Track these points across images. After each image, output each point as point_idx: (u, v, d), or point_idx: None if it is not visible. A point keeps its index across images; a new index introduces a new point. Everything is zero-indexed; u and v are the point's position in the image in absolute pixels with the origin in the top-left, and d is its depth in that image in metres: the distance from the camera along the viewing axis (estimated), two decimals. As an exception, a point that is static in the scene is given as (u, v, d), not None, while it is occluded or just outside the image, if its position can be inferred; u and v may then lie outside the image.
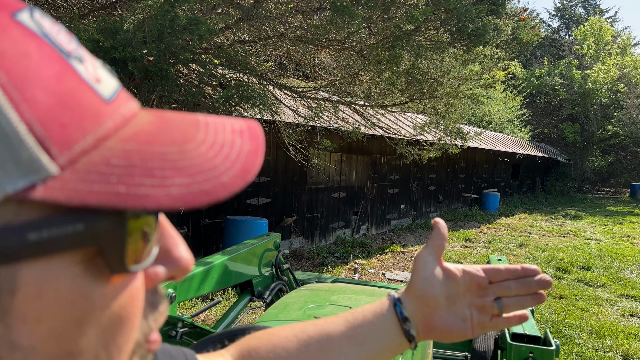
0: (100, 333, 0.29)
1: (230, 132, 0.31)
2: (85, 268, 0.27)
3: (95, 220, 0.26)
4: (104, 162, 0.26)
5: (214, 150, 0.29)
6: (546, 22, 43.34)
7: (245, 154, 0.30)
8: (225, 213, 6.71)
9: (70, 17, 3.31)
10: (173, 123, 0.30)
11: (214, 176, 0.28)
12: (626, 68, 24.68)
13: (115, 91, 0.30)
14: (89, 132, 0.26)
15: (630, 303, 6.35)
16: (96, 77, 0.28)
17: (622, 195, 26.44)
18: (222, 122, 0.32)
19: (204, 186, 0.27)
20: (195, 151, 0.28)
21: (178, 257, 0.33)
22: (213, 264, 2.13)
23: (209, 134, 0.30)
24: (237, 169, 0.29)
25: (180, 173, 0.27)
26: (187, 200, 0.26)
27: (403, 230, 10.94)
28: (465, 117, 17.40)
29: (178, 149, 0.28)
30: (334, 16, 3.58)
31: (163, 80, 3.44)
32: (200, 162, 0.28)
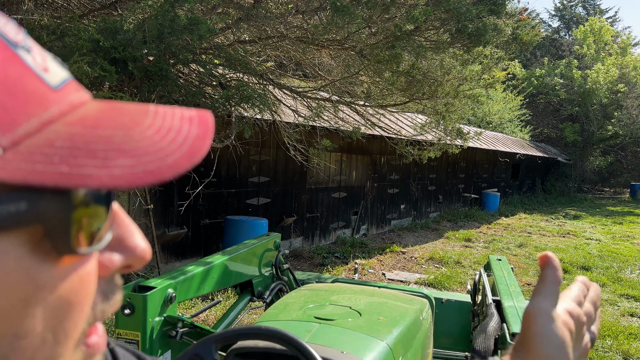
0: (48, 315, 0.29)
1: (179, 118, 0.32)
2: (32, 249, 0.27)
3: (39, 199, 0.26)
4: (47, 144, 0.26)
5: (160, 135, 0.30)
6: (546, 22, 43.35)
7: (192, 138, 0.31)
8: (225, 213, 6.71)
9: (70, 17, 3.31)
10: (122, 110, 0.31)
11: (159, 158, 0.28)
12: (626, 68, 24.68)
13: (64, 81, 0.30)
14: (33, 116, 0.27)
15: (630, 303, 6.35)
16: (44, 67, 0.29)
17: (622, 195, 26.44)
18: (172, 110, 0.33)
19: (148, 167, 0.28)
20: (140, 135, 0.29)
21: (133, 245, 0.34)
22: (213, 264, 2.13)
23: (157, 120, 0.31)
24: (184, 151, 0.30)
25: (124, 154, 0.28)
26: (130, 180, 0.27)
27: (403, 230, 10.93)
28: (465, 117, 17.39)
29: (123, 132, 0.29)
30: (334, 16, 3.58)
31: (163, 80, 3.44)
32: (145, 145, 0.29)
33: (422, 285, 6.45)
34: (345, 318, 1.74)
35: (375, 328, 1.70)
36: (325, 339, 1.55)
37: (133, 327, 1.70)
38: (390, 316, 1.84)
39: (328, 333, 1.60)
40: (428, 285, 6.50)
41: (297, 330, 1.59)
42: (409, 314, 1.94)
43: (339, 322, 1.69)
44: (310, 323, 1.67)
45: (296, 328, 1.63)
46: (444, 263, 7.88)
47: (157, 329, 1.74)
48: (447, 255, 8.35)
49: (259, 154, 7.27)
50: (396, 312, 1.94)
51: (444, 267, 7.61)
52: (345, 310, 1.82)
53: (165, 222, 5.98)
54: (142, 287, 1.76)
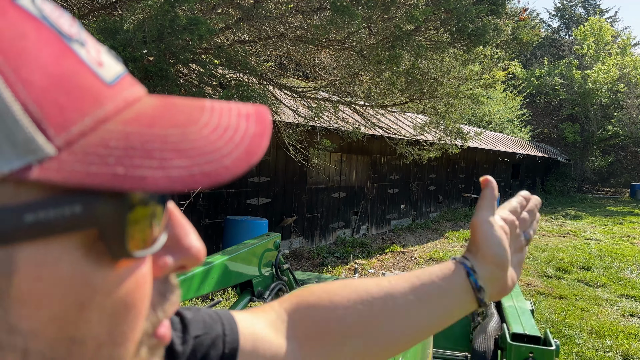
0: (104, 319, 0.28)
1: (236, 115, 0.31)
2: (87, 252, 0.27)
3: (94, 202, 0.26)
4: (102, 144, 0.26)
5: (217, 133, 0.29)
6: (546, 22, 43.36)
7: (250, 137, 0.30)
8: (225, 213, 6.71)
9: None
10: (177, 107, 0.30)
11: (216, 159, 0.28)
12: (626, 68, 24.68)
13: (119, 75, 0.30)
14: (87, 114, 0.26)
15: (630, 303, 6.35)
16: (98, 61, 0.28)
17: (622, 195, 26.44)
18: (228, 106, 0.32)
19: (205, 168, 0.27)
20: (197, 134, 0.28)
21: (188, 246, 0.33)
22: (213, 264, 2.13)
23: (214, 117, 0.30)
24: (241, 151, 0.29)
25: (180, 155, 0.27)
26: (187, 182, 0.26)
27: (403, 230, 10.94)
28: (465, 117, 17.40)
29: (180, 131, 0.28)
30: (334, 16, 3.58)
31: (163, 80, 3.44)
32: (202, 145, 0.28)
33: (422, 285, 6.45)
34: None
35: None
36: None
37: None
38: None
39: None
40: (428, 285, 6.49)
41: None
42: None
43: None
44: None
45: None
46: (444, 263, 7.87)
47: (157, 329, 1.74)
48: (447, 255, 8.35)
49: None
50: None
51: (444, 267, 7.60)
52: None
53: (165, 222, 5.98)
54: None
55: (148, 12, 3.29)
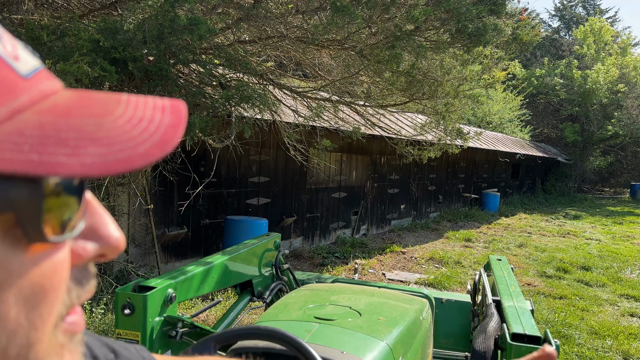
0: (22, 301, 0.29)
1: (152, 108, 0.32)
2: (3, 236, 0.28)
3: (10, 187, 0.27)
4: (17, 132, 0.27)
5: (132, 124, 0.30)
6: (546, 22, 43.35)
7: (164, 128, 0.31)
8: (225, 213, 6.71)
9: (70, 17, 3.32)
10: (94, 99, 0.32)
11: (130, 147, 0.29)
12: (626, 68, 24.67)
13: (35, 69, 0.31)
14: (2, 105, 0.27)
15: (630, 303, 6.35)
16: (14, 55, 0.29)
17: (622, 195, 26.44)
18: (145, 100, 0.33)
19: (119, 155, 0.28)
20: (112, 124, 0.29)
21: (107, 234, 0.34)
22: (213, 264, 2.13)
23: (129, 110, 0.31)
24: (155, 140, 0.30)
25: (95, 143, 0.28)
26: (101, 168, 0.27)
27: (403, 230, 10.93)
28: (465, 117, 17.39)
29: (95, 121, 0.29)
30: (334, 16, 3.58)
31: (163, 80, 3.44)
32: (116, 134, 0.29)
33: (422, 285, 6.45)
34: (345, 318, 1.74)
35: (375, 328, 1.70)
36: (325, 339, 1.55)
37: (133, 327, 1.70)
38: (390, 316, 1.84)
39: (328, 333, 1.60)
40: (428, 285, 6.50)
41: (297, 330, 1.59)
42: (408, 314, 1.94)
43: (339, 322, 1.69)
44: (310, 323, 1.67)
45: (296, 328, 1.63)
46: (444, 263, 7.88)
47: (157, 329, 1.74)
48: (447, 255, 8.35)
49: (259, 154, 7.27)
50: (396, 312, 1.94)
51: (444, 267, 7.61)
52: (345, 310, 1.82)
53: (165, 222, 5.98)
54: (142, 287, 1.76)
55: (148, 12, 3.28)
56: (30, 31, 2.92)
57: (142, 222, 5.64)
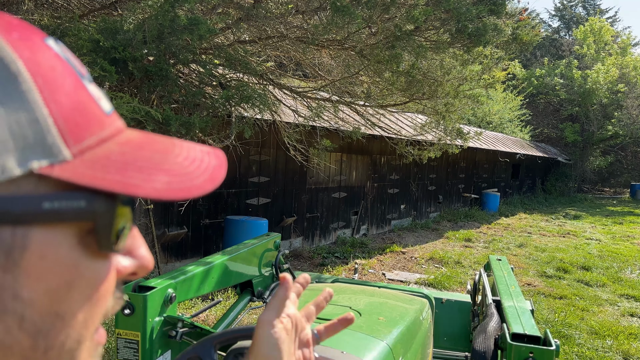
0: (83, 301, 0.34)
1: (200, 151, 0.39)
2: (80, 241, 0.33)
3: (94, 200, 0.32)
4: (105, 157, 0.33)
5: (188, 161, 0.37)
6: (546, 22, 43.36)
7: (212, 167, 0.38)
8: (225, 213, 6.71)
9: (70, 17, 3.31)
10: (155, 138, 0.38)
11: (189, 179, 0.35)
12: (626, 68, 24.67)
13: (112, 109, 0.37)
14: (94, 134, 0.33)
15: (630, 303, 6.35)
16: (99, 96, 0.36)
17: (622, 195, 26.45)
18: (193, 144, 0.40)
19: (181, 185, 0.35)
20: (174, 160, 0.36)
21: (141, 255, 0.39)
22: (213, 264, 2.13)
23: (184, 150, 0.38)
24: (207, 176, 0.37)
25: (163, 172, 0.34)
26: (167, 193, 0.33)
27: (403, 230, 10.93)
28: (465, 117, 17.39)
29: (161, 156, 0.36)
30: (334, 16, 3.58)
31: (163, 80, 3.44)
32: (178, 168, 0.36)
33: (422, 285, 6.45)
34: (345, 318, 1.73)
35: (375, 328, 1.70)
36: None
37: (133, 327, 1.70)
38: (390, 316, 1.84)
39: (328, 333, 1.60)
40: (428, 285, 6.50)
41: (297, 330, 1.59)
42: (409, 314, 1.94)
43: (339, 322, 1.69)
44: (310, 323, 1.67)
45: (296, 328, 1.62)
46: (444, 263, 7.88)
47: (157, 329, 1.74)
48: (447, 255, 8.34)
49: (259, 154, 7.27)
50: (396, 312, 1.94)
51: (444, 267, 7.61)
52: (345, 310, 1.82)
53: (166, 222, 5.98)
54: (142, 287, 1.76)
55: (148, 12, 3.28)
56: (30, 31, 2.91)
57: (142, 222, 5.65)
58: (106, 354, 3.68)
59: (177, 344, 1.81)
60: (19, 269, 0.30)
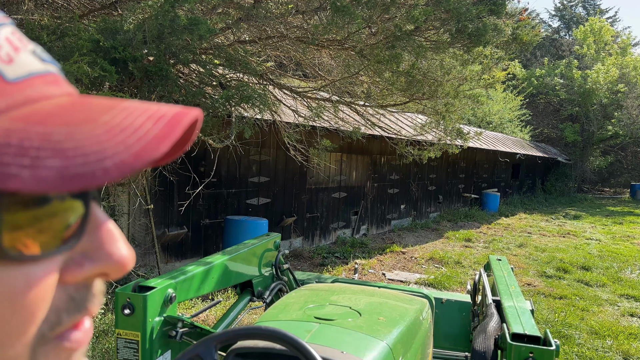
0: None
1: (147, 117, 0.29)
2: None
3: None
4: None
5: (111, 134, 0.27)
6: (546, 22, 43.34)
7: (147, 140, 0.28)
8: (225, 213, 6.71)
9: (70, 17, 3.31)
10: (84, 105, 0.29)
11: (97, 160, 0.26)
12: (626, 68, 24.66)
13: (29, 74, 0.29)
14: None
15: (630, 303, 6.35)
16: (9, 59, 0.28)
17: (622, 195, 26.44)
18: (147, 107, 0.30)
19: (80, 170, 0.26)
20: (87, 133, 0.27)
21: (110, 252, 0.31)
22: (213, 264, 2.13)
23: (117, 118, 0.28)
24: (129, 154, 0.27)
25: (56, 154, 0.26)
26: (55, 184, 0.25)
27: (403, 230, 10.93)
28: (465, 117, 17.39)
29: (67, 129, 0.27)
30: (334, 16, 3.58)
31: (163, 80, 3.44)
32: (86, 144, 0.26)
33: (422, 285, 6.45)
34: (345, 318, 1.74)
35: (375, 328, 1.70)
36: (325, 339, 1.55)
37: (133, 327, 1.70)
38: (390, 316, 1.84)
39: (328, 333, 1.60)
40: (428, 285, 6.50)
41: (297, 330, 1.59)
42: (408, 314, 1.94)
43: (338, 322, 1.69)
44: (310, 323, 1.67)
45: (296, 328, 1.63)
46: (444, 263, 7.88)
47: (157, 329, 1.74)
48: (447, 255, 8.35)
49: (259, 154, 7.27)
50: (396, 312, 1.94)
51: (444, 267, 7.61)
52: (345, 310, 1.82)
53: (166, 222, 5.98)
54: (142, 287, 1.76)
55: (148, 12, 3.28)
56: (31, 31, 2.92)
57: (142, 222, 5.64)
58: (106, 354, 3.68)
59: (177, 344, 1.81)
60: None
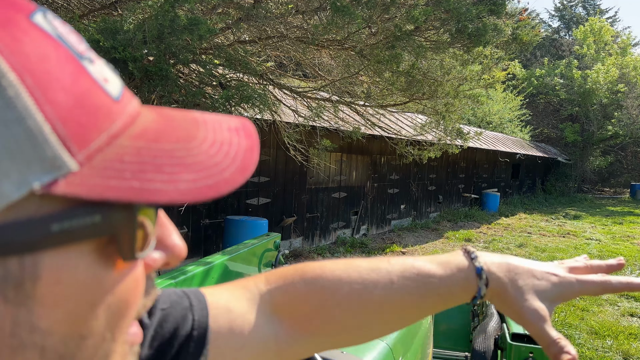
0: (109, 316, 0.30)
1: (227, 130, 0.33)
2: (99, 256, 0.29)
3: (111, 212, 0.28)
4: (117, 159, 0.28)
5: (215, 148, 0.31)
6: (546, 22, 43.36)
7: (242, 152, 0.33)
8: (225, 213, 6.71)
9: (70, 17, 3.31)
10: (175, 121, 0.32)
11: (217, 172, 0.30)
12: (626, 68, 24.66)
13: (121, 90, 0.31)
14: (103, 131, 0.28)
15: (630, 303, 6.35)
16: (104, 77, 0.30)
17: (622, 195, 26.44)
18: (218, 120, 0.34)
19: (208, 182, 0.29)
20: (198, 149, 0.30)
21: (172, 244, 0.35)
22: (213, 264, 2.13)
23: (209, 132, 0.32)
24: (237, 165, 0.31)
25: (186, 169, 0.29)
26: (194, 195, 0.28)
27: (403, 230, 10.93)
28: (465, 117, 17.40)
29: (183, 146, 0.30)
30: (334, 16, 3.58)
31: (163, 80, 3.44)
32: (203, 159, 0.30)
33: (422, 285, 6.45)
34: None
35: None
36: (325, 339, 1.55)
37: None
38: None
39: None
40: (428, 285, 6.49)
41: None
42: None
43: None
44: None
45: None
46: (444, 263, 7.87)
47: (157, 329, 1.74)
48: (447, 255, 8.34)
49: (259, 154, 7.27)
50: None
51: (444, 267, 7.60)
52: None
53: (165, 222, 5.98)
54: (142, 287, 1.75)
55: (148, 12, 3.28)
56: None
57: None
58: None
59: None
60: (33, 300, 0.26)
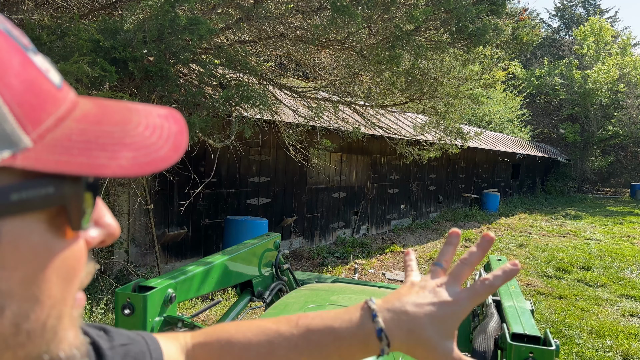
0: (59, 281, 0.34)
1: (157, 116, 0.38)
2: (50, 225, 0.33)
3: (62, 184, 0.32)
4: (66, 138, 0.32)
5: (149, 131, 0.36)
6: (546, 22, 43.35)
7: (174, 134, 0.37)
8: (225, 213, 6.71)
9: (70, 17, 3.31)
10: (110, 108, 0.37)
11: (153, 151, 0.34)
12: (626, 68, 24.66)
13: (61, 80, 0.35)
14: (51, 114, 0.32)
15: (630, 303, 6.35)
16: (46, 67, 0.34)
17: (622, 195, 26.44)
18: (148, 108, 0.38)
19: (146, 159, 0.34)
20: (134, 131, 0.35)
21: (107, 223, 0.40)
22: (213, 264, 2.13)
23: (142, 118, 0.37)
24: (170, 145, 0.36)
25: (126, 148, 0.33)
26: (134, 169, 0.33)
27: (403, 230, 10.93)
28: (465, 117, 17.39)
29: (121, 128, 0.34)
30: (334, 16, 3.58)
31: (163, 80, 3.44)
32: (140, 140, 0.34)
33: (422, 285, 6.44)
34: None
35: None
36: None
37: (133, 327, 1.70)
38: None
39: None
40: (428, 285, 6.49)
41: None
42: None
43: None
44: (310, 323, 1.67)
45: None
46: (444, 263, 7.87)
47: (157, 329, 1.74)
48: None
49: (259, 154, 7.27)
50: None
51: (444, 267, 7.60)
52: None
53: (166, 222, 5.98)
54: (142, 287, 1.76)
55: (148, 12, 3.28)
56: (31, 31, 2.92)
57: (142, 222, 5.64)
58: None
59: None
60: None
